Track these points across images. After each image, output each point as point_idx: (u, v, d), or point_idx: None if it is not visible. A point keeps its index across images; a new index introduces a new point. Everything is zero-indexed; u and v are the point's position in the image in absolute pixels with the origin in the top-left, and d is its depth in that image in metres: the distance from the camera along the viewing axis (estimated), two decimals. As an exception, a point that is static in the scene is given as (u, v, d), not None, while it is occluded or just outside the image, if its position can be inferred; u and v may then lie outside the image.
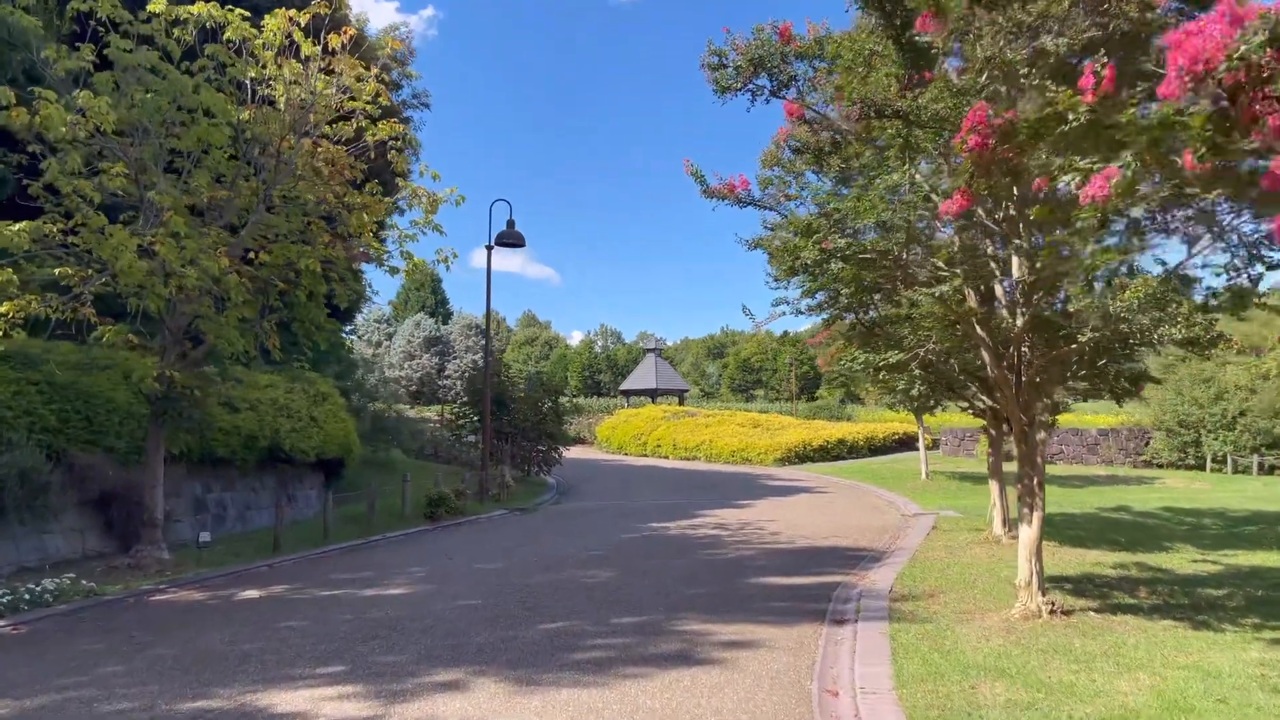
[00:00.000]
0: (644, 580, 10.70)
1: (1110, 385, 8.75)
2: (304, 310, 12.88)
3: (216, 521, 15.43)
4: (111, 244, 9.26)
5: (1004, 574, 10.72)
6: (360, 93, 12.16)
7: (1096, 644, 7.41)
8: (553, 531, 15.97)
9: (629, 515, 18.62)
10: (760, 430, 39.09)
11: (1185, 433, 30.83)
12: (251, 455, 15.94)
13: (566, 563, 12.10)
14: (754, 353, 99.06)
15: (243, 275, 11.82)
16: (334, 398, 18.98)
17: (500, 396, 25.48)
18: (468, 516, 18.10)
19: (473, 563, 12.30)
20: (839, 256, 7.76)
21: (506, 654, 7.28)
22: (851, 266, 8.36)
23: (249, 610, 9.31)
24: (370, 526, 15.74)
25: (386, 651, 7.42)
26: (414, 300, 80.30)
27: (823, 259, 8.23)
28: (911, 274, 8.14)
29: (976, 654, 7.14)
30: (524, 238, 21.60)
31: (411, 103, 24.53)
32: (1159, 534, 14.55)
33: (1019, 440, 8.42)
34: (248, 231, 11.53)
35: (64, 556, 12.25)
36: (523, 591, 10.02)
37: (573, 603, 9.37)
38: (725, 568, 11.72)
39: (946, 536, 14.22)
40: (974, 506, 18.80)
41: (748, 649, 7.48)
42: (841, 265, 8.27)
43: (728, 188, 13.57)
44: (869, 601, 9.35)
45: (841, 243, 7.51)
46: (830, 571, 11.47)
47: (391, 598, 9.80)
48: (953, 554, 12.40)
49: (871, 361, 8.67)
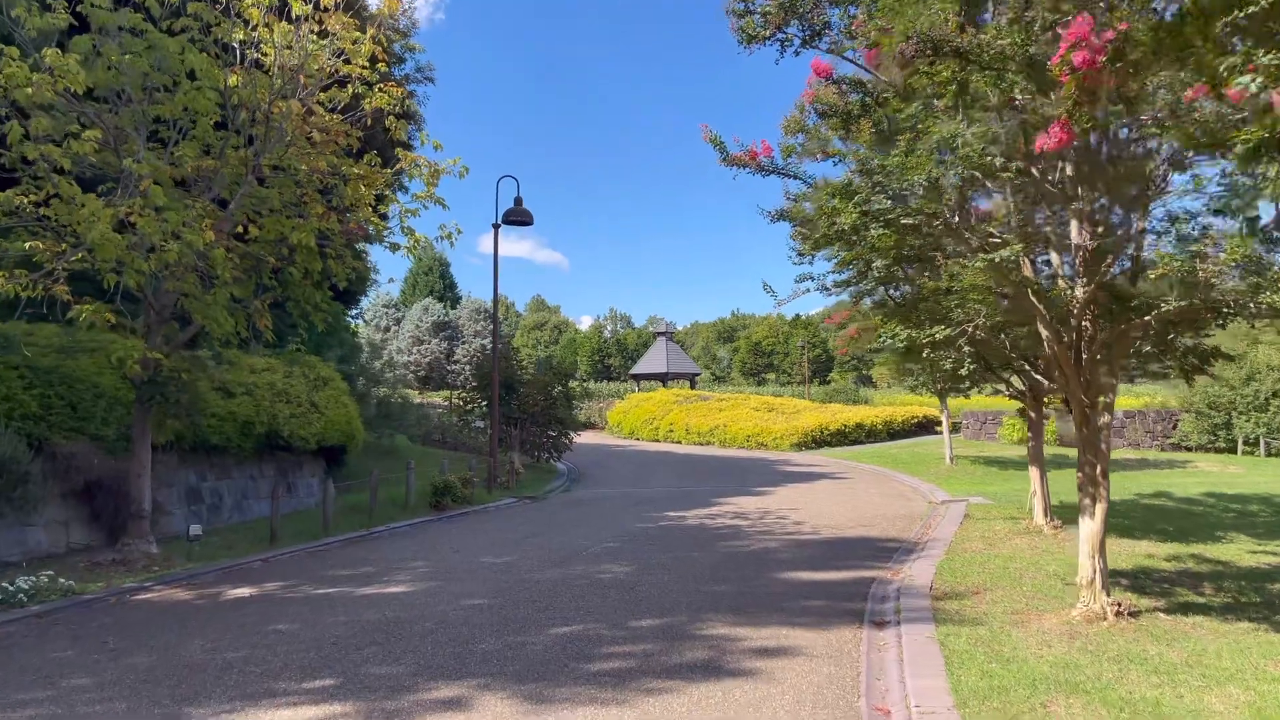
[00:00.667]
0: (663, 576, 9.95)
1: (1179, 362, 7.92)
2: (299, 289, 12.13)
3: (212, 512, 14.76)
4: (83, 215, 8.50)
5: (1051, 568, 9.93)
6: (355, 55, 11.34)
7: (1174, 651, 6.62)
8: (564, 521, 15.25)
9: (643, 503, 17.87)
10: (775, 414, 38.26)
11: (1215, 415, 29.83)
12: (248, 442, 15.25)
13: (579, 556, 11.37)
14: (765, 336, 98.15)
15: (232, 251, 11.07)
16: (336, 382, 18.26)
17: (509, 380, 24.72)
18: (475, 506, 17.37)
19: (479, 556, 11.57)
20: (881, 220, 6.93)
21: (515, 664, 6.54)
22: (893, 233, 7.54)
23: (237, 611, 8.60)
24: (372, 517, 15.03)
25: (382, 661, 6.69)
26: (422, 285, 79.60)
27: (861, 224, 7.41)
28: (963, 240, 7.31)
29: (1040, 663, 6.36)
30: (532, 215, 20.76)
31: (415, 77, 23.65)
32: (1207, 522, 13.70)
33: (1079, 424, 7.59)
34: (236, 204, 10.77)
35: (47, 551, 11.59)
36: (533, 589, 9.28)
37: (587, 602, 8.62)
38: (749, 561, 10.96)
39: (982, 526, 13.42)
40: (1005, 493, 17.98)
41: (783, 657, 6.72)
42: (882, 231, 7.44)
43: (749, 155, 12.69)
44: (909, 600, 8.57)
45: (885, 203, 6.67)
46: (862, 565, 10.70)
47: (391, 597, 9.07)
48: (992, 545, 11.60)
49: (915, 338, 7.83)
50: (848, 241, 8.23)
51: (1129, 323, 7.06)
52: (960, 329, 7.85)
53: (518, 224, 20.89)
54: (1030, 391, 12.21)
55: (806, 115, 13.34)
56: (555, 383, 25.90)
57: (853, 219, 7.34)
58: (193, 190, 11.16)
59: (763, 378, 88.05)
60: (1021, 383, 12.19)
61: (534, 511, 17.12)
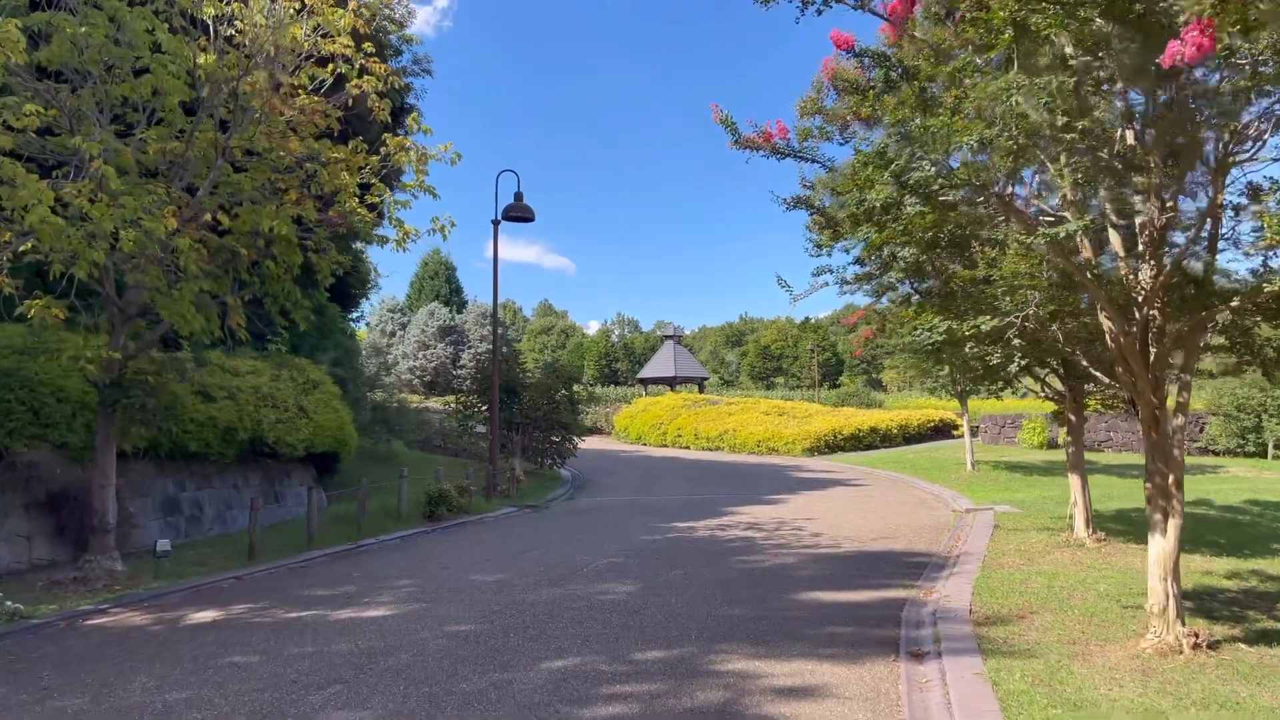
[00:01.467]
0: (671, 597, 9.00)
1: (1256, 356, 6.95)
2: (276, 284, 11.23)
3: (191, 523, 13.88)
4: (23, 197, 7.62)
5: (1102, 587, 8.95)
6: (336, 30, 10.45)
7: (1267, 693, 5.64)
8: (565, 533, 14.30)
9: (650, 513, 16.91)
10: (786, 418, 37.24)
11: (1244, 418, 28.69)
12: (230, 449, 14.36)
13: (579, 573, 10.42)
14: (774, 340, 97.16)
15: (204, 242, 10.19)
16: (326, 385, 17.37)
17: (510, 384, 23.79)
18: (472, 515, 16.44)
19: (470, 573, 10.64)
20: (921, 194, 5.98)
21: (498, 709, 5.60)
22: (930, 210, 6.59)
23: (193, 640, 7.68)
24: (361, 529, 14.11)
25: (345, 704, 5.75)
26: (428, 289, 78.81)
27: (895, 201, 6.47)
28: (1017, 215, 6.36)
29: (1114, 708, 5.39)
30: (533, 210, 19.86)
31: (412, 69, 22.78)
32: (1258, 533, 12.68)
33: (1148, 428, 6.62)
34: (205, 190, 9.88)
35: (7, 566, 10.72)
36: (525, 613, 8.35)
37: (585, 629, 7.68)
38: (766, 579, 10.01)
39: (1015, 538, 12.41)
40: (1032, 500, 16.96)
41: (811, 699, 5.76)
42: (919, 209, 6.50)
43: (763, 137, 11.72)
44: (948, 625, 7.61)
45: (929, 170, 5.72)
46: (890, 583, 9.73)
47: (367, 623, 8.13)
48: (1031, 561, 10.61)
49: (957, 330, 6.88)
50: (878, 222, 7.28)
51: (1209, 310, 6.09)
52: (1008, 320, 6.89)
53: (518, 220, 20.00)
54: (1070, 392, 11.22)
55: (824, 95, 12.40)
56: (559, 386, 24.95)
57: (886, 194, 6.40)
58: (167, 177, 10.30)
59: (772, 381, 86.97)
60: (1061, 383, 11.20)
61: (534, 522, 16.18)
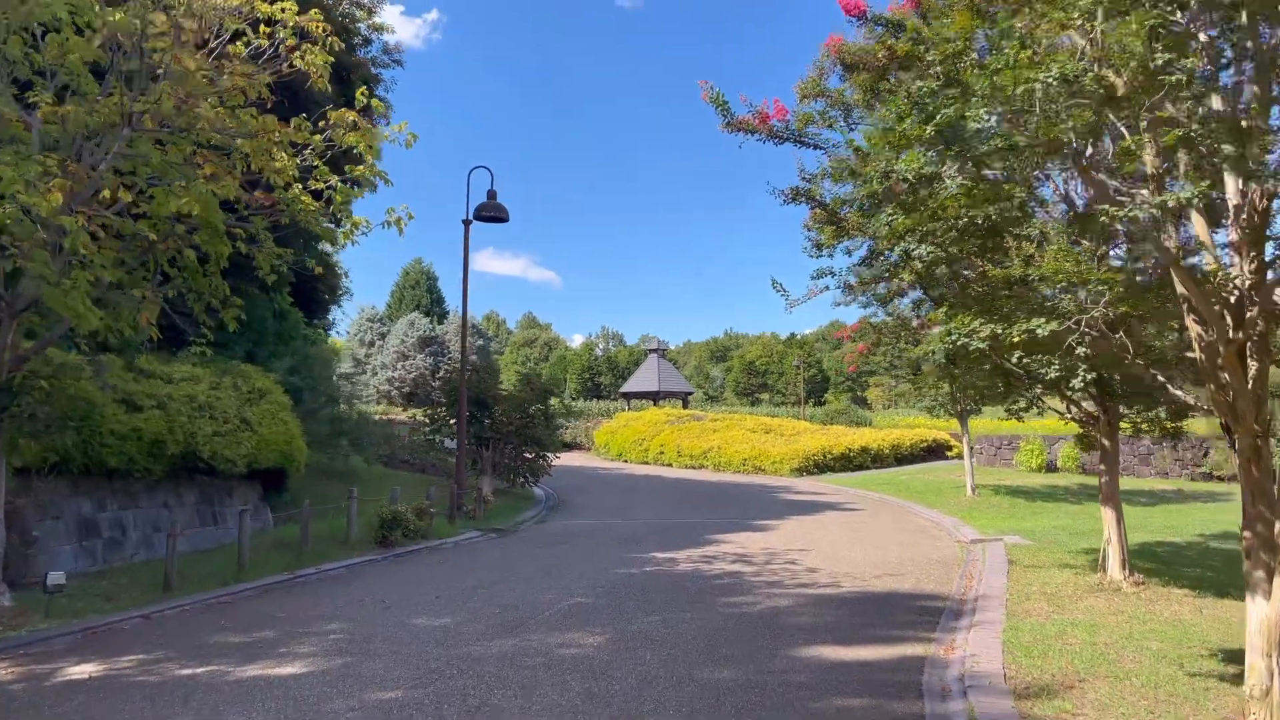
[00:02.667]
0: (646, 653, 7.54)
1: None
2: (198, 278, 9.76)
3: (111, 548, 12.29)
4: None
5: (1154, 646, 7.57)
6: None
7: None
8: (530, 564, 12.82)
9: (627, 540, 15.44)
10: (773, 436, 35.84)
11: (1249, 442, 27.58)
12: (158, 464, 12.80)
13: (539, 618, 8.95)
14: (759, 355, 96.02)
15: (106, 227, 8.72)
16: (275, 395, 15.84)
17: (481, 396, 22.27)
18: (431, 540, 14.89)
19: (413, 615, 9.14)
20: (974, 156, 4.62)
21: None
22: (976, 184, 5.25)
23: (57, 706, 6.17)
24: (301, 557, 12.56)
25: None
26: (409, 299, 77.17)
27: (934, 171, 5.12)
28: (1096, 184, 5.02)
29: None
30: (506, 210, 18.43)
31: (382, 60, 21.38)
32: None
33: (1246, 461, 5.26)
34: (106, 163, 8.42)
35: None
36: (469, 672, 6.88)
37: (538, 700, 6.22)
38: (757, 628, 8.58)
39: (1036, 577, 11.03)
40: (1042, 530, 15.61)
41: (824, 820, 4.34)
42: (965, 182, 5.15)
43: (759, 118, 10.40)
44: (983, 699, 6.20)
45: (989, 121, 4.37)
46: (903, 635, 8.32)
47: (273, 685, 6.64)
48: (1060, 608, 9.22)
49: (1005, 335, 5.52)
50: (905, 203, 5.93)
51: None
52: (1067, 325, 5.53)
53: (492, 220, 18.56)
54: (1105, 414, 9.89)
55: (827, 76, 11.12)
56: (534, 399, 23.45)
57: (921, 163, 5.05)
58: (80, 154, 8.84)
59: (757, 398, 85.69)
60: (1094, 405, 9.87)
61: (498, 550, 14.67)
